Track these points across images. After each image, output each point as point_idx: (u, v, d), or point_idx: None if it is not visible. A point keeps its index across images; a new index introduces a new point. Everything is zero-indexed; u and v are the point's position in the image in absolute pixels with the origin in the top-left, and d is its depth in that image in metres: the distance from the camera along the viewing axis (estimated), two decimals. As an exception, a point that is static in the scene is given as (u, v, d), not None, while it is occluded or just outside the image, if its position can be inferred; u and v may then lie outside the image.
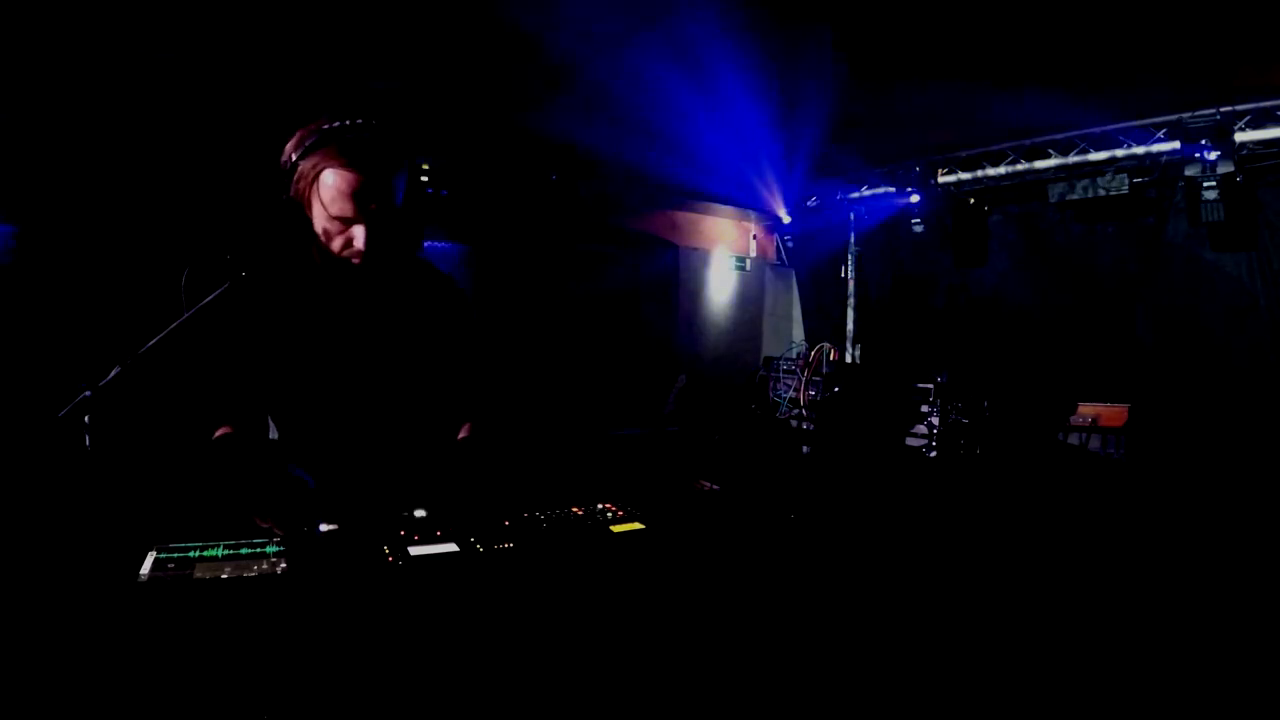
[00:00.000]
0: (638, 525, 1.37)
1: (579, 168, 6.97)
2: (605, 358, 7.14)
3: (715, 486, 1.68)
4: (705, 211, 8.75)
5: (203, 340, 1.42)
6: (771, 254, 9.47)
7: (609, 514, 1.42)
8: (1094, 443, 5.90)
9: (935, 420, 6.37)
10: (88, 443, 1.11)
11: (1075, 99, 5.60)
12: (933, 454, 6.26)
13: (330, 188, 1.45)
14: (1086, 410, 6.03)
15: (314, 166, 1.46)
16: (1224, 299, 6.03)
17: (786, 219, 8.91)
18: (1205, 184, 5.64)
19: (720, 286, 8.66)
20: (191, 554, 1.14)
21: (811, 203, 8.79)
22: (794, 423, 7.32)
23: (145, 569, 1.08)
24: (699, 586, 1.28)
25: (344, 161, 1.44)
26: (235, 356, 1.56)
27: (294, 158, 1.47)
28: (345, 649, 1.01)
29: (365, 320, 1.64)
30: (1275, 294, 5.77)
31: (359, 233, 1.48)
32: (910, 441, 6.51)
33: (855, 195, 8.33)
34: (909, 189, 7.52)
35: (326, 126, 1.46)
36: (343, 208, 1.46)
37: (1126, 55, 4.78)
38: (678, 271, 8.30)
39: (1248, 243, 5.87)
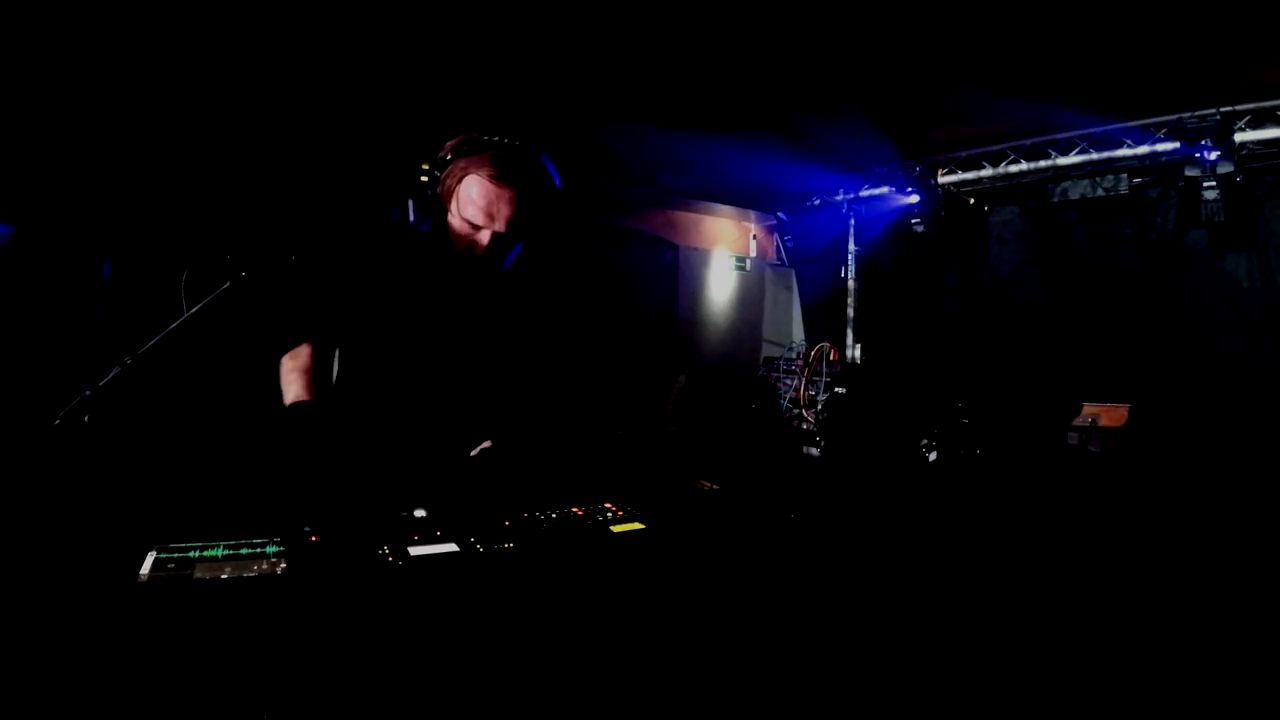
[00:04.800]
0: (638, 525, 1.37)
1: (580, 167, 6.98)
2: (605, 358, 7.14)
3: (715, 486, 1.68)
4: (705, 211, 8.74)
5: (204, 340, 1.43)
6: (771, 254, 9.47)
7: (609, 514, 1.42)
8: (1094, 443, 5.90)
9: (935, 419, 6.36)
10: (88, 443, 1.11)
11: (1075, 99, 5.60)
12: (933, 455, 6.26)
13: (470, 193, 1.60)
14: (1087, 410, 6.03)
15: (463, 169, 1.61)
16: (1223, 298, 6.04)
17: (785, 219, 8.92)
18: (1205, 184, 5.64)
19: (720, 286, 8.66)
20: (191, 554, 1.14)
21: (811, 203, 8.79)
22: (794, 423, 7.32)
23: (145, 569, 1.08)
24: (699, 586, 1.28)
25: (490, 174, 1.59)
26: (339, 309, 1.66)
27: (448, 156, 1.63)
28: (345, 649, 1.01)
29: (463, 313, 1.75)
30: (1274, 294, 5.78)
31: (483, 238, 1.62)
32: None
33: (855, 195, 8.33)
34: (909, 189, 7.52)
35: (485, 138, 1.62)
36: (474, 214, 1.60)
37: (1126, 55, 4.78)
38: (678, 271, 8.29)
39: (1247, 243, 5.87)
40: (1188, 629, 3.03)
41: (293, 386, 1.57)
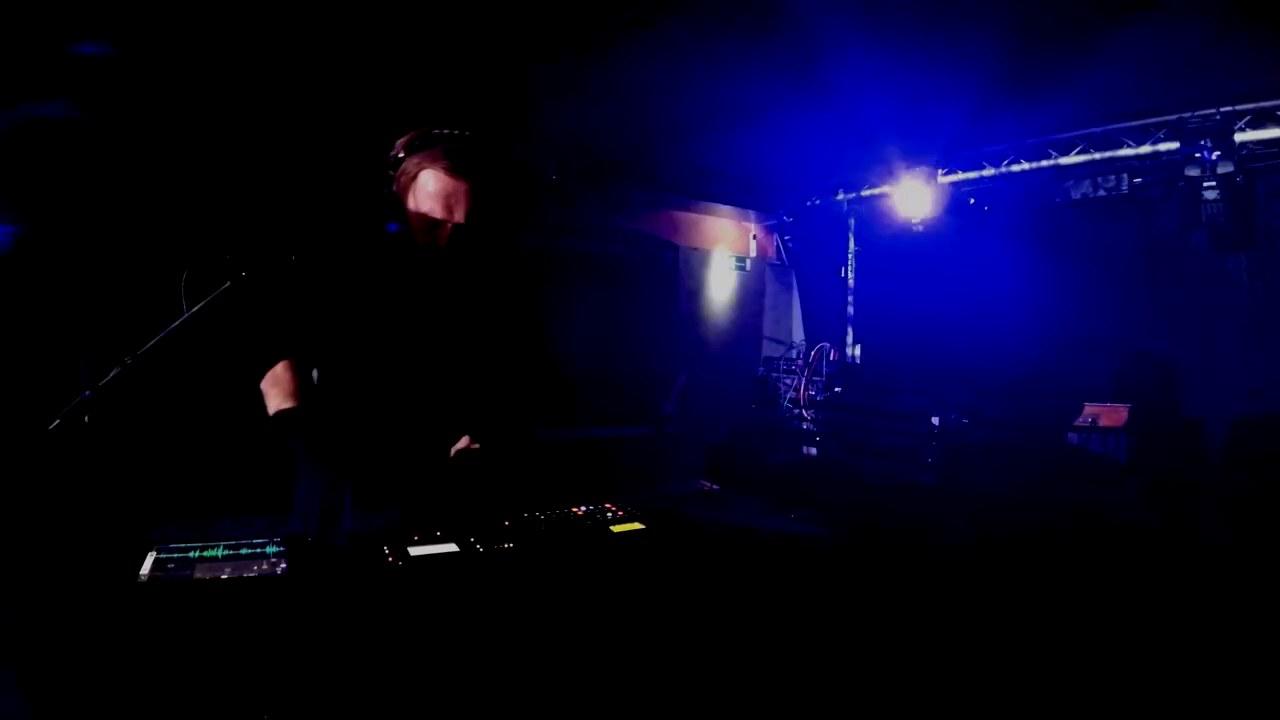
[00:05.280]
0: (638, 525, 1.37)
1: (579, 167, 6.97)
2: (606, 358, 7.14)
3: (715, 486, 1.68)
4: (705, 211, 8.74)
5: (203, 340, 1.43)
6: (771, 254, 9.46)
7: (609, 514, 1.42)
8: (1094, 442, 5.89)
9: (935, 421, 6.35)
10: (88, 443, 1.11)
11: (1075, 98, 5.60)
12: (929, 459, 6.25)
13: (426, 188, 1.60)
14: (1087, 410, 6.02)
15: (417, 165, 1.61)
16: (1222, 298, 6.04)
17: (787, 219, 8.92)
18: (1205, 184, 5.64)
19: (720, 286, 8.66)
20: (191, 554, 1.14)
21: (811, 203, 8.80)
22: (794, 423, 7.31)
23: (145, 569, 1.08)
24: (699, 586, 1.28)
25: (445, 167, 1.59)
26: (314, 312, 1.64)
27: (401, 154, 1.62)
28: (345, 649, 1.01)
29: (432, 304, 1.74)
30: (1273, 292, 5.78)
31: (444, 232, 1.61)
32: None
33: (855, 195, 8.34)
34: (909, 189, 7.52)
35: (435, 132, 1.61)
36: (433, 208, 1.60)
37: (1126, 55, 4.78)
38: (678, 271, 8.29)
39: (1247, 242, 5.87)
40: (1187, 630, 3.03)
41: (273, 395, 1.55)
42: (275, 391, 1.57)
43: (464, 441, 1.72)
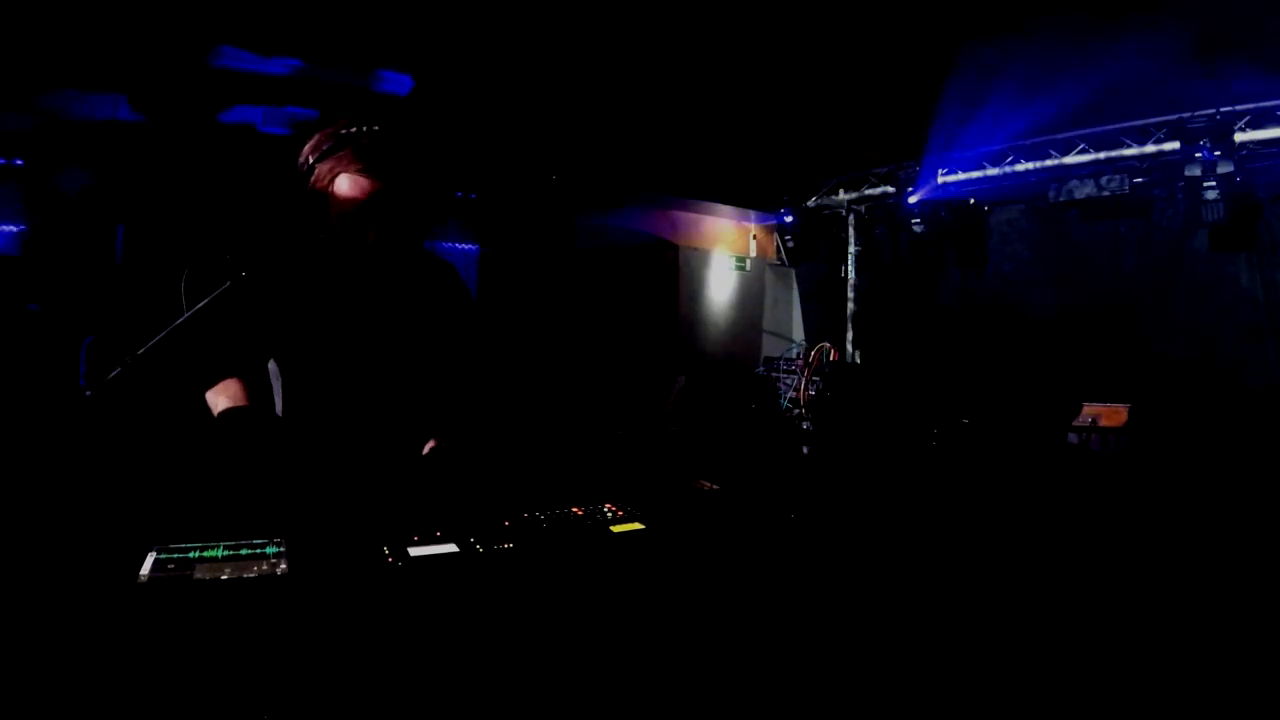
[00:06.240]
0: (638, 525, 1.37)
1: (579, 167, 6.98)
2: (605, 358, 7.14)
3: (715, 486, 1.68)
4: (705, 211, 8.75)
5: (204, 340, 1.42)
6: (771, 254, 9.46)
7: (609, 514, 1.42)
8: (1094, 442, 5.89)
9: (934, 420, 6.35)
10: (88, 442, 1.11)
11: (1074, 99, 5.61)
12: (928, 458, 6.25)
13: (345, 191, 1.50)
14: (1087, 410, 6.03)
15: (330, 170, 1.51)
16: (1222, 298, 6.04)
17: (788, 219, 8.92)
18: (1205, 184, 5.64)
19: (720, 286, 8.66)
20: (191, 554, 1.14)
21: (812, 202, 8.79)
22: (794, 423, 7.31)
23: (145, 569, 1.08)
24: (699, 586, 1.28)
25: (359, 167, 1.49)
26: (255, 321, 1.58)
27: (311, 160, 1.52)
28: (345, 650, 1.01)
29: (371, 302, 1.69)
30: (1273, 293, 5.78)
31: (368, 233, 1.53)
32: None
33: (855, 195, 8.34)
34: (909, 189, 7.53)
35: (344, 131, 1.51)
36: (353, 210, 1.51)
37: (1126, 54, 4.78)
38: (678, 271, 8.29)
39: (1247, 243, 5.88)
40: (1187, 630, 3.03)
41: (222, 398, 1.51)
42: (224, 398, 1.51)
43: (430, 445, 1.69)
